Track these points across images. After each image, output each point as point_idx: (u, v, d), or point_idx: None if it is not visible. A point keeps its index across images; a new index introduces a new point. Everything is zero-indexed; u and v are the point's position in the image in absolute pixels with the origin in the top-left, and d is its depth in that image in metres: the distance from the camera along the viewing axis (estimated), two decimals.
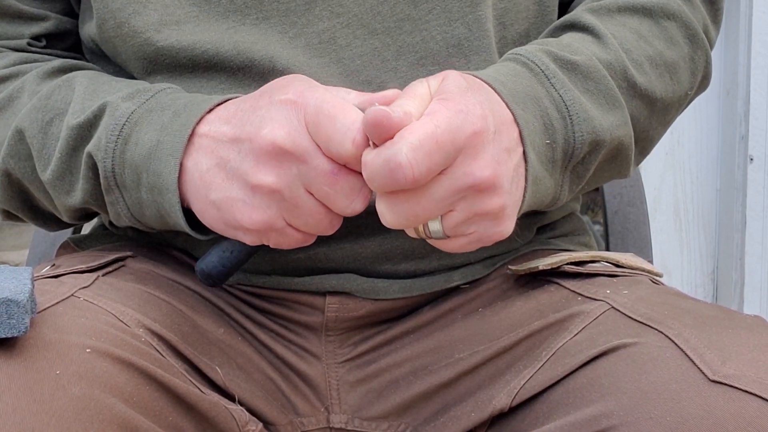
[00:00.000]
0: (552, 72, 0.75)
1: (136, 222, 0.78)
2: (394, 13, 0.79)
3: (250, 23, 0.79)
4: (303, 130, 0.67)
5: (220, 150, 0.70)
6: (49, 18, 0.87)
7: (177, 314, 0.78)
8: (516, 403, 0.74)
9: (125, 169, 0.74)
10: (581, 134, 0.74)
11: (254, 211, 0.69)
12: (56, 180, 0.78)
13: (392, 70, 0.79)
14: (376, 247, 0.81)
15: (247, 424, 0.77)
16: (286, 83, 0.70)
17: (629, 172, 0.82)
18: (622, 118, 0.77)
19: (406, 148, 0.62)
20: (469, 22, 0.79)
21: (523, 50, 0.77)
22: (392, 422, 0.81)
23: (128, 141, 0.74)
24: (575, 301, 0.77)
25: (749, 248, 1.85)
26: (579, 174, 0.77)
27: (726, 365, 0.63)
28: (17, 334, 0.62)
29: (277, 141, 0.67)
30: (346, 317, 0.82)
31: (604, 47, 0.78)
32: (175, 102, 0.75)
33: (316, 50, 0.79)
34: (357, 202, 0.68)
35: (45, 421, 0.60)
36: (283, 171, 0.68)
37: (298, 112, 0.67)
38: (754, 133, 1.83)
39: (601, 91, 0.76)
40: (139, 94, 0.76)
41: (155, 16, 0.79)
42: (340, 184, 0.67)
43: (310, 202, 0.68)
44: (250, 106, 0.70)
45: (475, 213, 0.67)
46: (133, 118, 0.75)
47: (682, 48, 0.83)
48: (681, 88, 0.83)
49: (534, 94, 0.73)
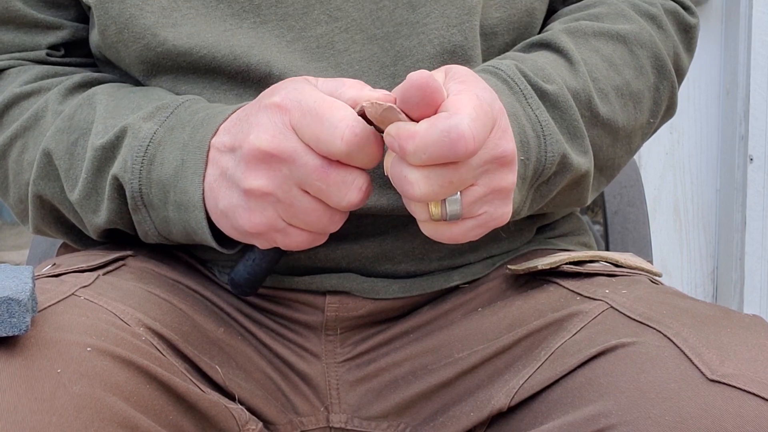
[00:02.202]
0: (529, 92, 0.76)
1: (163, 239, 0.79)
2: (392, 17, 0.79)
3: (247, 27, 0.79)
4: (287, 132, 0.67)
5: (221, 160, 0.71)
6: (65, 26, 0.87)
7: (177, 313, 0.78)
8: (515, 403, 0.74)
9: (152, 189, 0.75)
10: (552, 154, 0.75)
11: (252, 215, 0.69)
12: (83, 200, 0.79)
13: (390, 76, 0.79)
14: (376, 247, 0.81)
15: (247, 423, 0.77)
16: (278, 86, 0.70)
17: (587, 200, 0.83)
18: (584, 147, 0.79)
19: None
20: (465, 30, 0.80)
21: (502, 65, 0.78)
22: (392, 422, 0.81)
23: (153, 161, 0.75)
24: (574, 301, 0.77)
25: (749, 248, 1.85)
26: (542, 194, 0.78)
27: (724, 364, 0.63)
28: (18, 333, 0.62)
29: (261, 146, 0.67)
30: (345, 317, 0.82)
31: (574, 74, 0.80)
32: (193, 117, 0.75)
33: (314, 55, 0.79)
34: (352, 195, 0.68)
35: (46, 419, 0.60)
36: (272, 173, 0.68)
37: (283, 114, 0.67)
38: (754, 133, 1.84)
39: (566, 120, 0.77)
40: (159, 112, 0.77)
41: (152, 18, 0.79)
42: (332, 178, 0.67)
43: (305, 200, 0.68)
44: (246, 114, 0.71)
45: (493, 189, 0.67)
46: (156, 138, 0.75)
47: (648, 78, 0.84)
48: (643, 117, 0.85)
49: (513, 111, 0.74)
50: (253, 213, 0.69)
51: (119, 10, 0.80)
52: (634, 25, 0.84)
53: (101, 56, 0.86)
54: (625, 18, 0.85)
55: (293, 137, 0.67)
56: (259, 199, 0.69)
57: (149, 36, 0.79)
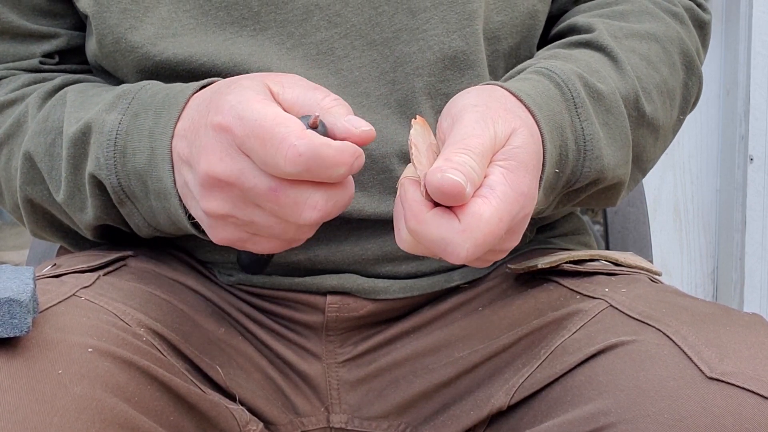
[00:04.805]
0: (581, 101, 0.74)
1: (155, 231, 0.78)
2: (392, 23, 0.79)
3: (247, 35, 0.79)
4: (234, 154, 0.64)
5: (182, 170, 0.69)
6: (60, 35, 0.86)
7: (178, 314, 0.79)
8: (515, 402, 0.74)
9: (131, 181, 0.74)
10: (588, 170, 0.74)
11: (215, 231, 0.68)
12: (69, 199, 0.78)
13: (390, 82, 0.79)
14: (377, 249, 0.81)
15: (248, 423, 0.77)
16: (221, 99, 0.66)
17: (617, 203, 0.82)
18: (627, 157, 0.78)
19: (470, 246, 0.60)
20: (466, 35, 0.79)
21: (558, 68, 0.75)
22: (392, 421, 0.81)
23: (125, 153, 0.73)
24: (574, 300, 0.77)
25: (749, 248, 1.85)
26: (570, 198, 0.78)
27: (724, 362, 0.63)
28: (20, 334, 0.62)
29: (210, 172, 0.64)
30: (346, 317, 0.82)
31: (621, 74, 0.78)
32: (154, 100, 0.73)
33: (314, 61, 0.79)
34: (306, 214, 0.64)
35: (47, 420, 0.60)
36: (226, 196, 0.65)
37: (227, 135, 0.64)
38: (754, 133, 1.83)
39: (617, 127, 0.77)
40: (120, 101, 0.75)
41: (152, 29, 0.79)
42: (282, 200, 0.63)
43: (264, 216, 0.66)
44: (197, 122, 0.68)
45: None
46: (122, 128, 0.74)
47: (679, 74, 0.84)
48: (675, 113, 0.85)
49: (560, 122, 0.72)
50: (216, 230, 0.68)
51: (118, 20, 0.79)
52: (660, 23, 0.84)
53: (97, 65, 0.86)
54: (651, 15, 0.85)
55: (240, 158, 0.64)
56: (219, 219, 0.67)
57: (149, 46, 0.79)
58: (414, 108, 0.79)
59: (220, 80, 0.71)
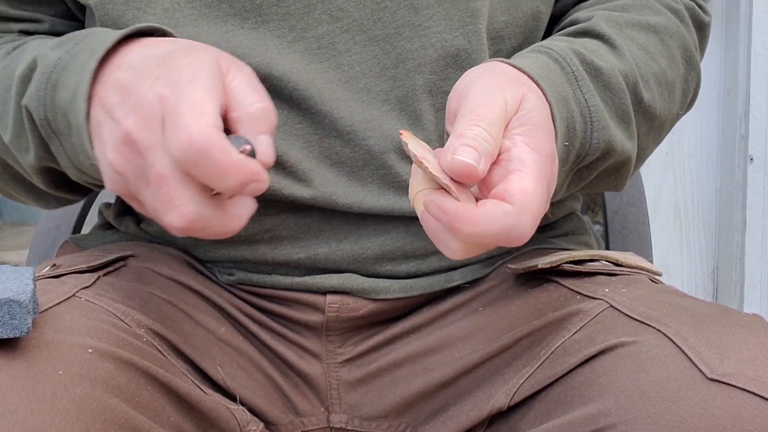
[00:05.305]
0: (580, 74, 0.75)
1: (82, 174, 0.75)
2: (394, 19, 0.79)
3: (248, 27, 0.79)
4: (157, 127, 0.62)
5: (99, 113, 0.66)
6: (42, 21, 0.86)
7: (178, 314, 0.79)
8: (515, 402, 0.74)
9: (57, 115, 0.71)
10: (597, 141, 0.74)
11: (110, 182, 0.66)
12: (14, 139, 0.76)
13: (391, 78, 0.79)
14: (376, 248, 0.81)
15: (249, 423, 0.77)
16: (175, 68, 0.64)
17: (623, 186, 0.83)
18: (630, 132, 0.78)
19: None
20: (468, 33, 0.79)
21: (554, 45, 0.76)
22: (392, 421, 0.81)
23: (56, 87, 0.71)
24: (574, 300, 0.77)
25: (749, 248, 1.85)
26: (581, 177, 0.77)
27: (724, 363, 0.63)
28: (20, 335, 0.62)
29: (132, 133, 0.62)
30: (346, 317, 0.82)
31: (620, 59, 0.79)
32: (97, 40, 0.70)
33: (315, 55, 0.79)
34: (170, 216, 0.61)
35: (47, 421, 0.60)
36: (132, 158, 0.63)
37: (160, 105, 0.62)
38: (754, 133, 1.84)
39: (616, 104, 0.77)
40: (70, 41, 0.73)
41: (154, 20, 0.78)
42: (162, 189, 0.61)
43: (147, 194, 0.63)
44: (141, 78, 0.65)
45: None
46: (61, 63, 0.71)
47: (679, 68, 0.84)
48: (674, 107, 0.85)
49: (564, 95, 0.73)
50: (110, 180, 0.65)
51: (121, 11, 0.79)
52: (661, 17, 0.84)
53: None
54: (652, 9, 0.85)
55: (158, 133, 0.62)
56: (117, 174, 0.64)
57: None
58: (414, 105, 0.80)
59: (169, 33, 0.71)
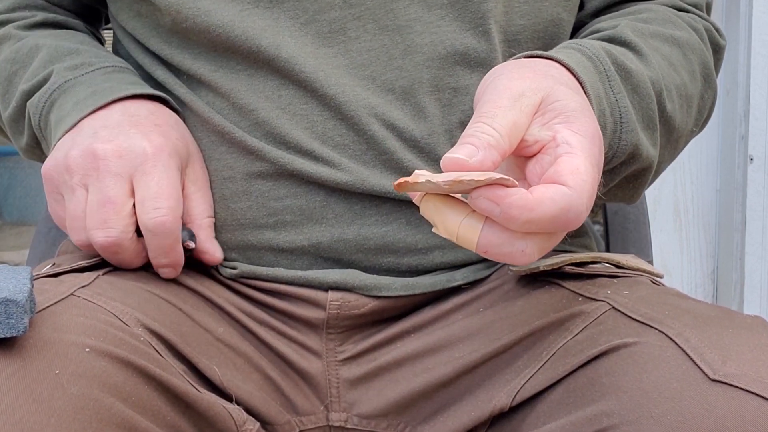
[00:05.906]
0: (612, 74, 0.75)
1: None
2: (406, 12, 0.80)
3: (263, 6, 0.80)
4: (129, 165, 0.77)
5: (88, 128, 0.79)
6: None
7: (176, 313, 0.78)
8: (516, 403, 0.74)
9: (46, 130, 0.84)
10: (625, 143, 0.75)
11: (52, 164, 0.79)
12: (12, 122, 0.88)
13: (398, 69, 0.80)
14: (379, 239, 0.81)
15: (245, 423, 0.77)
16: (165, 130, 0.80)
17: (638, 197, 0.83)
18: (655, 139, 0.78)
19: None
20: (478, 34, 0.80)
21: (587, 44, 0.77)
22: (391, 421, 0.81)
23: (54, 105, 0.83)
24: (576, 302, 0.77)
25: (749, 248, 1.85)
26: (605, 182, 0.78)
27: (726, 364, 0.63)
28: (16, 335, 0.62)
29: (97, 150, 0.77)
30: (347, 315, 0.82)
31: (647, 65, 0.79)
32: (102, 80, 0.83)
33: (326, 39, 0.80)
34: (97, 233, 0.77)
35: (44, 420, 0.60)
36: (86, 167, 0.77)
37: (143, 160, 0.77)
38: (754, 133, 1.84)
39: (644, 108, 0.77)
40: (83, 67, 0.84)
41: None
42: (104, 210, 0.76)
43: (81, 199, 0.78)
44: (134, 127, 0.79)
45: None
46: (65, 86, 0.83)
47: (698, 84, 0.85)
48: (691, 122, 0.85)
49: (597, 92, 0.73)
50: (54, 167, 0.79)
51: None
52: (684, 32, 0.85)
53: (123, 32, 0.90)
54: (674, 24, 0.85)
55: (127, 170, 0.77)
56: (64, 171, 0.78)
57: (173, 13, 0.81)
58: (418, 97, 0.80)
59: (171, 103, 0.83)
